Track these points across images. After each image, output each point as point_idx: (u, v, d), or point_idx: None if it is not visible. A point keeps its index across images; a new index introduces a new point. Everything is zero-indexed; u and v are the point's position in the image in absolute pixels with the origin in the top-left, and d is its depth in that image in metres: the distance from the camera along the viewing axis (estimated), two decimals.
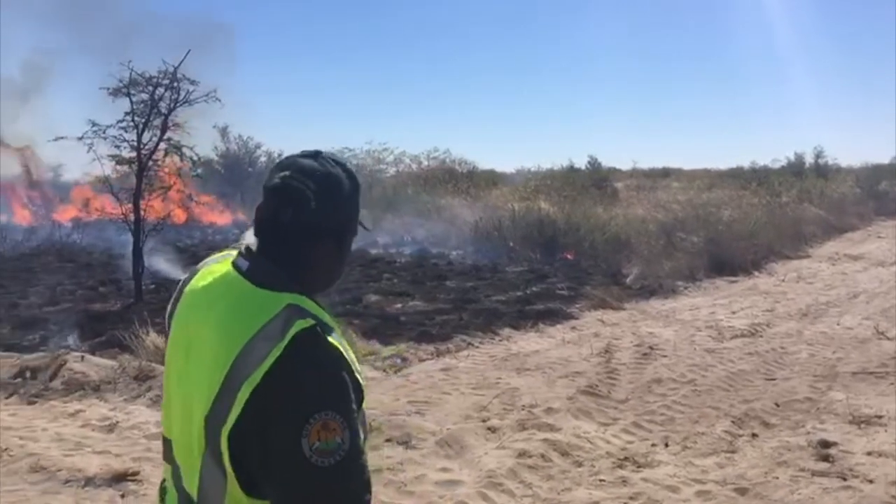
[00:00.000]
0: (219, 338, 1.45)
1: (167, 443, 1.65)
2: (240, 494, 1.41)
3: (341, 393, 1.39)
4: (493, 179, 32.18)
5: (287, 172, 1.55)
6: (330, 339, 1.44)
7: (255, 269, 1.54)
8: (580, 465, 5.16)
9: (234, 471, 1.39)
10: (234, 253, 1.65)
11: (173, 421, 1.59)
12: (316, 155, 1.61)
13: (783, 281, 13.61)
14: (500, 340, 9.01)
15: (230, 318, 1.47)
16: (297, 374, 1.37)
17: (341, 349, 1.45)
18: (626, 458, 5.25)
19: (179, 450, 1.56)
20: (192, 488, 1.49)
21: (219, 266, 1.64)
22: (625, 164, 48.74)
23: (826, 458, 5.25)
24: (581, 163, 38.05)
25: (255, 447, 1.36)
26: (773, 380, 7.26)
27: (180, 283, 1.71)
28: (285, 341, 1.38)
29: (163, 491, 1.70)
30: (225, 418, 1.37)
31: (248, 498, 1.41)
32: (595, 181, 29.93)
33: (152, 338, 7.63)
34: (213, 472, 1.42)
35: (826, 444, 5.46)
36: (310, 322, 1.42)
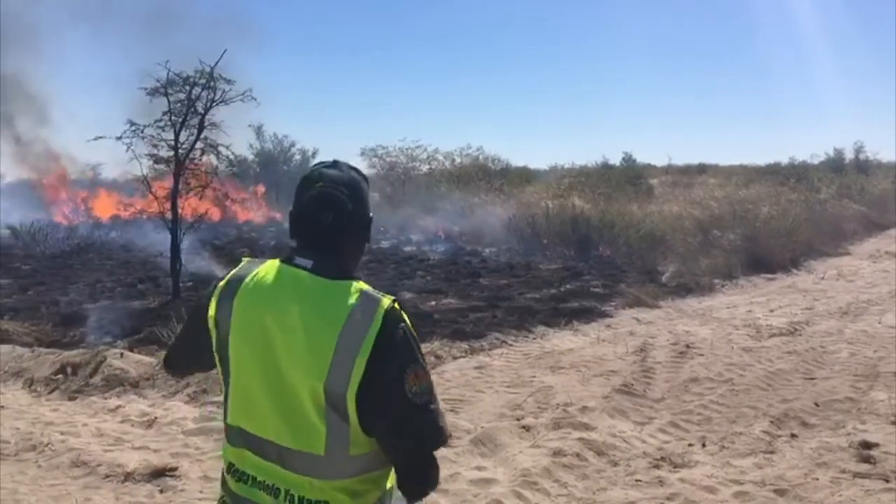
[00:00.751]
0: (315, 324, 1.80)
1: (235, 430, 1.96)
2: (361, 436, 1.80)
3: (419, 349, 1.86)
4: (526, 177, 32.05)
5: (321, 183, 1.91)
6: (404, 310, 1.86)
7: (321, 265, 1.88)
8: (616, 464, 5.12)
9: (358, 418, 1.79)
10: (267, 259, 2.00)
11: (257, 407, 1.89)
12: (335, 164, 1.99)
13: (822, 279, 13.39)
14: (535, 338, 8.98)
15: (321, 307, 1.82)
16: (394, 340, 1.79)
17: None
18: (662, 458, 5.20)
19: (277, 425, 1.85)
20: (315, 446, 1.81)
21: (267, 268, 1.95)
22: (660, 161, 48.27)
23: (867, 460, 5.14)
24: (616, 159, 37.76)
25: (372, 396, 1.76)
26: (813, 379, 7.14)
27: (220, 292, 1.97)
28: (380, 318, 1.78)
29: (237, 474, 1.97)
30: (347, 383, 1.75)
31: (365, 436, 1.81)
32: (630, 178, 29.68)
33: None
34: (340, 425, 1.79)
35: (867, 445, 5.35)
36: (390, 298, 1.84)
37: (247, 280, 1.93)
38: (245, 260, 2.04)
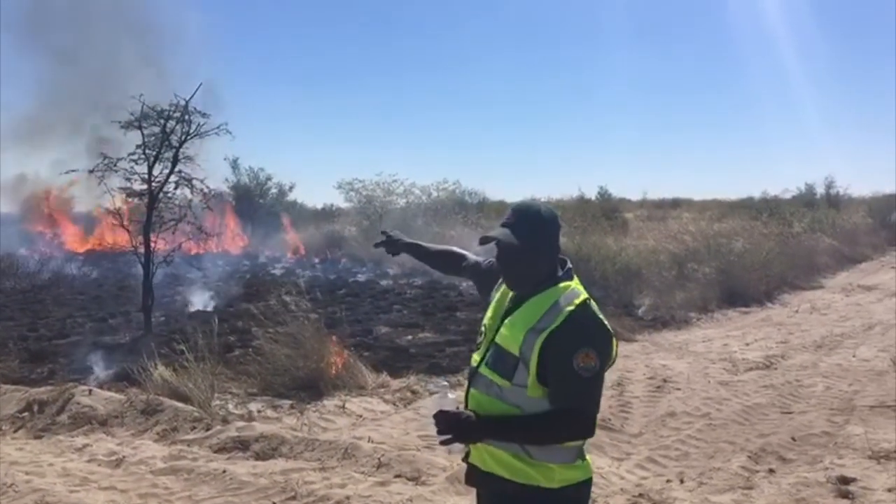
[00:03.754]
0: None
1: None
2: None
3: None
4: (503, 210, 32.10)
5: None
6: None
7: None
8: (594, 501, 5.05)
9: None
10: (580, 289, 2.55)
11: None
12: None
13: (797, 312, 13.48)
14: None
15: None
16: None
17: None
18: (640, 495, 5.14)
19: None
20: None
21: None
22: (635, 195, 48.58)
23: (846, 495, 5.12)
24: (591, 193, 37.93)
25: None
26: (790, 413, 7.14)
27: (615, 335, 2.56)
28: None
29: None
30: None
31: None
32: (605, 211, 29.84)
33: (161, 371, 7.57)
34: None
35: (845, 480, 5.33)
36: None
37: None
38: (578, 288, 2.54)
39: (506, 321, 2.55)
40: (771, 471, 5.65)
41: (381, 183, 28.94)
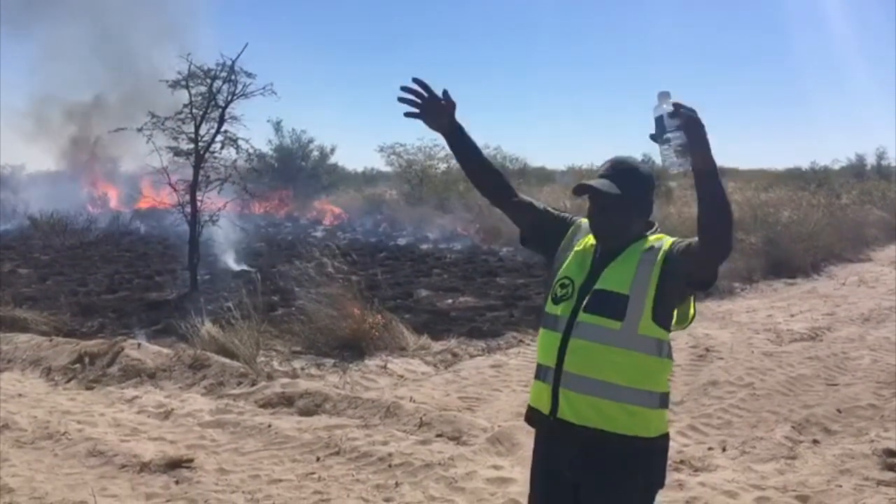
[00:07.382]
0: None
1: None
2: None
3: None
4: (544, 177, 31.92)
5: None
6: None
7: None
8: None
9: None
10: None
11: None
12: None
13: (844, 284, 13.22)
14: None
15: None
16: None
17: None
18: (682, 462, 5.12)
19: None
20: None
21: None
22: None
23: (892, 468, 5.04)
24: None
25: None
26: (835, 385, 7.04)
27: None
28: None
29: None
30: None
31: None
32: None
33: (207, 327, 7.71)
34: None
35: (892, 454, 5.24)
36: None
37: None
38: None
39: (607, 269, 2.53)
40: (815, 442, 5.59)
41: (422, 147, 28.90)
